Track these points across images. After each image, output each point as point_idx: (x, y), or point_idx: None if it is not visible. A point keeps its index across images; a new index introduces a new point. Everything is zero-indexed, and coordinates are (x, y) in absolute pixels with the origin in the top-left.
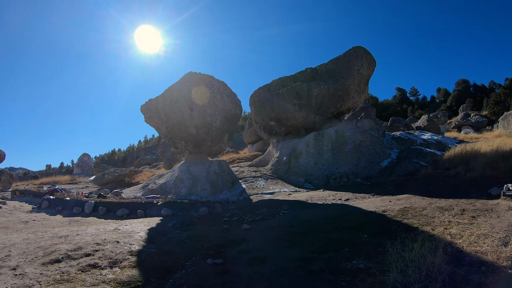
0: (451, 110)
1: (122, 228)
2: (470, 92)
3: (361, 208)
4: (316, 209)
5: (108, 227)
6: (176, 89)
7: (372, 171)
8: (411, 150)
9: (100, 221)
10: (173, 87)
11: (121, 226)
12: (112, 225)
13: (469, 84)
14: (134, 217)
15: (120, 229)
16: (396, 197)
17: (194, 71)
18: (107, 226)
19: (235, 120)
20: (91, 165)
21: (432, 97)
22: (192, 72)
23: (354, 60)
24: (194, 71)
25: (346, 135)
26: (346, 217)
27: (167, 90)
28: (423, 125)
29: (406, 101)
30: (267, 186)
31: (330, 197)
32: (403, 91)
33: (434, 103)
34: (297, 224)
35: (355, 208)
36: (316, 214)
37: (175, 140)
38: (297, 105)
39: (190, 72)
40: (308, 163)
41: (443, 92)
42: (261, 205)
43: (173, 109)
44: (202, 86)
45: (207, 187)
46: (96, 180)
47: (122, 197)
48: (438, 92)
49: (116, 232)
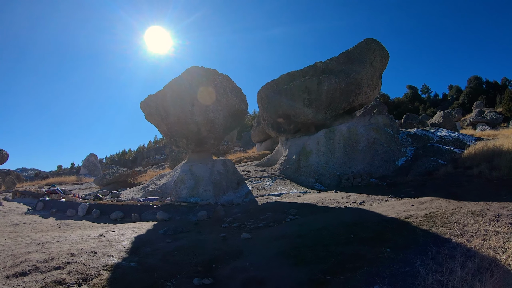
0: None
1: (108, 235)
2: (482, 89)
3: (380, 213)
4: (328, 215)
5: (93, 233)
6: (177, 84)
7: (387, 170)
8: (428, 147)
9: (91, 225)
10: (173, 82)
11: (108, 233)
12: (100, 230)
13: (481, 81)
14: (128, 221)
15: (105, 236)
16: (418, 199)
17: (196, 65)
18: (94, 232)
19: (240, 116)
20: (98, 165)
21: (444, 94)
22: (194, 66)
23: (366, 53)
24: (197, 65)
25: (359, 132)
26: (363, 225)
27: (167, 86)
28: (438, 121)
29: (418, 99)
30: (274, 187)
31: (343, 200)
32: (415, 88)
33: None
34: (305, 233)
35: (373, 213)
36: (327, 221)
37: (176, 138)
38: (307, 101)
39: (192, 66)
40: (318, 162)
41: (455, 90)
42: (266, 209)
43: (173, 105)
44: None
45: (210, 188)
46: (97, 181)
47: (120, 198)
48: (450, 89)
49: (99, 240)
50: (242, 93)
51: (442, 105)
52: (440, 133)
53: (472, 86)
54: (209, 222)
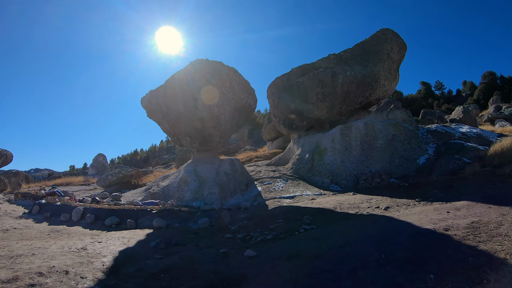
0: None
1: (91, 248)
2: (497, 85)
3: (412, 223)
4: (349, 224)
5: (78, 244)
6: (179, 77)
7: (408, 169)
8: (450, 144)
9: (82, 232)
10: (175, 75)
11: (93, 244)
12: (86, 240)
13: (496, 77)
14: (123, 227)
15: (87, 250)
16: (452, 205)
17: (201, 58)
18: (78, 242)
19: (249, 111)
20: (107, 166)
21: (458, 90)
22: (199, 59)
23: (383, 43)
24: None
25: (376, 128)
26: (395, 240)
27: (168, 80)
28: (458, 117)
29: (431, 95)
30: (286, 188)
31: (364, 204)
32: (428, 85)
33: (460, 97)
34: (324, 252)
35: (404, 223)
36: (350, 234)
37: (179, 137)
38: (320, 95)
39: (196, 59)
40: (334, 161)
41: (469, 85)
42: (277, 214)
43: (175, 100)
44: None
45: (216, 190)
46: (99, 182)
47: (118, 202)
48: (464, 85)
49: (78, 255)
50: (250, 87)
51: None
52: (462, 129)
53: (486, 81)
54: (211, 231)
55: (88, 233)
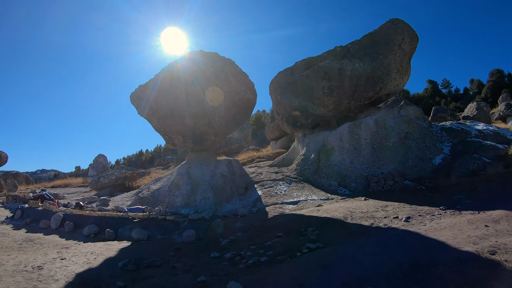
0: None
1: (48, 268)
2: (505, 83)
3: (446, 243)
4: (366, 244)
5: (38, 260)
6: (169, 70)
7: (423, 170)
8: (467, 143)
9: (55, 243)
10: (165, 68)
11: (53, 262)
12: (50, 255)
13: (504, 74)
14: (102, 238)
15: (44, 269)
16: (487, 215)
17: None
18: (40, 257)
19: (247, 106)
20: (107, 167)
21: (465, 88)
22: (192, 51)
23: (394, 34)
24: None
25: (388, 125)
26: (430, 272)
27: (158, 73)
28: (472, 114)
29: (438, 94)
30: (289, 192)
31: (380, 213)
32: (435, 83)
33: (467, 95)
34: None
35: (434, 242)
36: (369, 260)
37: (171, 135)
38: (327, 89)
39: (190, 51)
40: (342, 161)
41: (477, 83)
42: (277, 225)
43: (165, 95)
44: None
45: (210, 195)
46: (91, 185)
47: (102, 208)
48: (471, 83)
49: (28, 276)
50: (248, 80)
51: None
52: (478, 127)
53: (494, 79)
54: (196, 247)
55: (61, 244)
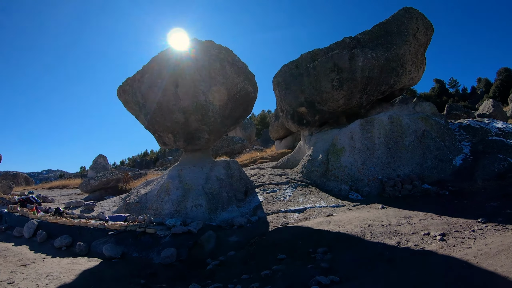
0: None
1: None
2: None
3: None
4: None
5: None
6: (158, 60)
7: (443, 172)
8: (489, 142)
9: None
10: (155, 58)
11: None
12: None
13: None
14: (72, 252)
15: None
16: None
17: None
18: None
19: (246, 100)
20: (108, 167)
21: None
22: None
23: (408, 23)
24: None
25: (403, 123)
26: None
27: (146, 65)
28: (488, 111)
29: (446, 93)
30: (294, 197)
31: (405, 227)
32: (442, 82)
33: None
34: None
35: (495, 278)
36: None
37: (161, 133)
38: (336, 81)
39: None
40: (353, 162)
41: (484, 82)
42: (279, 243)
43: (152, 87)
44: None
45: (203, 201)
46: (81, 187)
47: (82, 215)
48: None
49: None
50: (248, 70)
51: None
52: (497, 125)
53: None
54: (174, 272)
55: (26, 258)
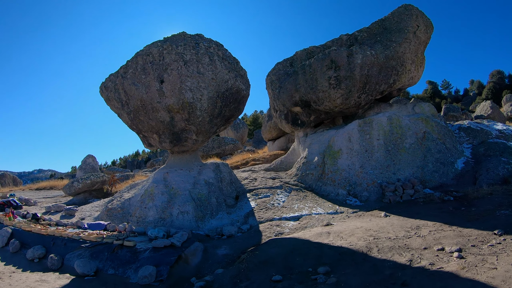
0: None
1: None
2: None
3: None
4: None
5: None
6: (142, 54)
7: (445, 176)
8: (490, 144)
9: None
10: (140, 52)
11: None
12: None
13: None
14: (44, 265)
15: None
16: None
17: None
18: None
19: (236, 98)
20: (96, 168)
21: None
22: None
23: (408, 20)
24: None
25: (403, 123)
26: None
27: (130, 59)
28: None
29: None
30: (289, 203)
31: (415, 240)
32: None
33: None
34: None
35: None
36: None
37: (145, 134)
38: (333, 79)
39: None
40: (351, 165)
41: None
42: (273, 260)
43: (135, 83)
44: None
45: (190, 208)
46: (65, 189)
47: (60, 222)
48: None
49: None
50: (239, 66)
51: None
52: (497, 127)
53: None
54: None
55: None
